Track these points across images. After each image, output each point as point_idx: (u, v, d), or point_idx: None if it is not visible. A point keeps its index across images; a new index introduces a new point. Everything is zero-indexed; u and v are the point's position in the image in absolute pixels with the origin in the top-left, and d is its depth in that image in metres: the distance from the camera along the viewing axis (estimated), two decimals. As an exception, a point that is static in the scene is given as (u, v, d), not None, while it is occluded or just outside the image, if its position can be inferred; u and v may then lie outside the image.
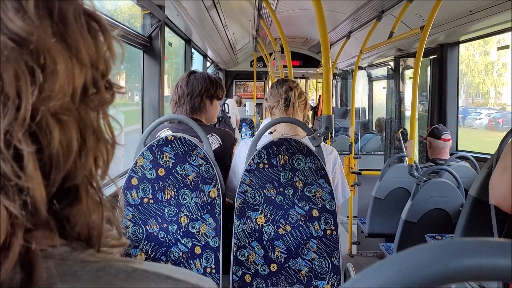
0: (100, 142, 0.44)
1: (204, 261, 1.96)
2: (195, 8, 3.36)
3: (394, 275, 0.33)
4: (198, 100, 2.34)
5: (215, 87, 2.39)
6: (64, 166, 0.39)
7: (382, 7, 4.04)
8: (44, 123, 0.37)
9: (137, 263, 0.44)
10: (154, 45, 3.24)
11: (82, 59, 0.40)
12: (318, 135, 2.04)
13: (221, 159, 2.23)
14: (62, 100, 0.38)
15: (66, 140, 0.39)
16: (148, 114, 3.27)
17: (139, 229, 1.98)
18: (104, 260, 0.42)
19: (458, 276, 0.32)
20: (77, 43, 0.40)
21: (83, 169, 0.41)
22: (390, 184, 3.83)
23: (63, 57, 0.38)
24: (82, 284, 0.39)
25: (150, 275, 0.43)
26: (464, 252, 0.33)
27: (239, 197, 2.00)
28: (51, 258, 0.39)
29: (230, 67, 9.48)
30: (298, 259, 1.98)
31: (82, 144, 0.41)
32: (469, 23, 3.45)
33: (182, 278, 0.45)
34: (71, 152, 0.39)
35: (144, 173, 1.98)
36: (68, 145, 0.39)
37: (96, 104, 0.43)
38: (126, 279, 0.42)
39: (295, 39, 7.95)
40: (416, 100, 3.30)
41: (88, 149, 0.42)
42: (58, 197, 0.40)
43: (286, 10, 5.24)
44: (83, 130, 0.41)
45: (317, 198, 1.98)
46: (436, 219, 3.17)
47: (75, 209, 0.41)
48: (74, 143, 0.39)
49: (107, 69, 0.45)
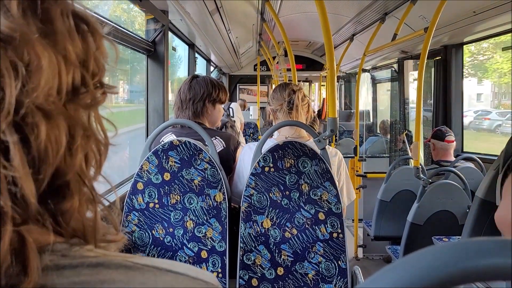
0: (91, 141, 0.45)
1: (210, 265, 1.96)
2: (198, 12, 3.37)
3: (408, 276, 0.33)
4: (200, 104, 2.34)
5: (217, 91, 2.39)
6: (53, 160, 0.39)
7: (385, 9, 4.04)
8: (30, 116, 0.38)
9: (136, 258, 0.44)
10: (158, 50, 3.24)
11: (69, 57, 0.41)
12: (323, 138, 2.04)
13: (225, 161, 2.23)
14: (48, 93, 0.38)
15: (54, 135, 0.39)
16: (152, 119, 3.27)
17: (145, 234, 1.97)
18: (103, 255, 0.43)
19: (472, 277, 0.32)
20: (64, 42, 0.41)
21: (73, 166, 0.42)
22: (396, 187, 3.82)
23: (47, 53, 0.39)
24: (83, 278, 0.40)
25: (150, 269, 0.44)
26: (477, 252, 0.32)
27: (245, 200, 2.00)
28: (52, 253, 0.40)
29: (233, 71, 9.48)
30: (304, 262, 1.97)
31: (71, 141, 0.41)
32: (473, 24, 3.44)
33: (182, 271, 0.46)
34: (60, 147, 0.40)
35: (149, 177, 1.98)
36: (57, 140, 0.39)
37: (86, 103, 0.43)
38: (126, 273, 0.42)
39: (298, 42, 7.96)
40: (420, 102, 3.29)
41: (78, 146, 0.42)
42: (51, 194, 0.41)
43: (289, 14, 5.25)
44: (72, 128, 0.42)
45: (323, 201, 1.98)
46: (442, 221, 3.15)
47: (67, 204, 0.42)
48: (62, 138, 0.40)
49: (98, 69, 0.45)
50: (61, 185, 0.41)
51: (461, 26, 3.56)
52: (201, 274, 0.47)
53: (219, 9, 3.63)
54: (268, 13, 4.19)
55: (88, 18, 0.45)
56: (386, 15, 4.13)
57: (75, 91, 0.42)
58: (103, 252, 0.43)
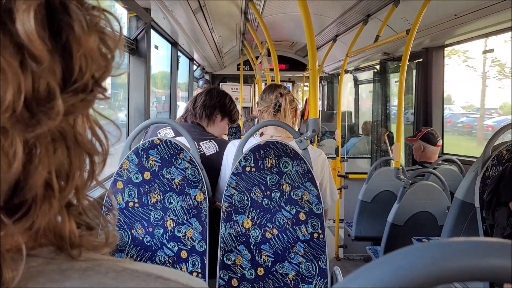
0: (71, 151, 0.41)
1: (190, 266, 1.94)
2: (181, 11, 3.34)
3: (384, 275, 0.32)
4: (211, 109, 2.37)
5: (232, 106, 2.44)
6: (7, 176, 0.36)
7: (368, 11, 4.06)
8: None
9: (127, 263, 0.43)
10: (140, 48, 3.22)
11: (28, 64, 0.36)
12: (304, 138, 2.04)
13: (216, 165, 2.22)
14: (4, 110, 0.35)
15: (7, 148, 0.36)
16: (134, 118, 3.24)
17: (125, 233, 1.95)
18: (92, 259, 0.42)
19: (448, 277, 0.32)
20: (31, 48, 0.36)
21: (35, 181, 0.38)
22: (377, 187, 3.84)
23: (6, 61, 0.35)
24: (72, 283, 0.39)
25: (140, 274, 0.42)
26: (455, 252, 0.32)
27: (226, 200, 1.99)
28: (40, 257, 0.39)
29: (216, 70, 9.45)
30: (285, 262, 1.97)
31: (30, 155, 0.38)
32: (454, 27, 3.48)
33: (172, 277, 0.44)
34: (12, 163, 0.36)
35: (129, 176, 1.96)
36: (9, 155, 0.36)
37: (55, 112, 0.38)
38: (116, 278, 0.41)
39: (281, 42, 7.96)
40: (402, 103, 3.31)
41: (39, 161, 0.38)
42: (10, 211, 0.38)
43: (273, 14, 5.24)
44: (33, 141, 0.38)
45: (304, 201, 1.98)
46: (422, 221, 3.18)
47: (29, 220, 0.38)
48: (18, 153, 0.36)
49: (85, 68, 0.40)
50: (24, 201, 0.38)
51: (443, 29, 3.60)
52: (192, 281, 0.46)
53: (202, 8, 3.61)
54: (252, 13, 4.19)
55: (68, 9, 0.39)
56: (369, 16, 4.15)
57: (39, 101, 0.37)
58: (92, 256, 0.42)
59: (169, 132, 2.30)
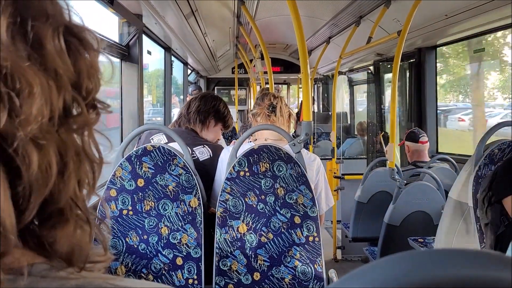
0: (84, 163, 0.43)
1: (186, 272, 1.94)
2: (173, 16, 3.34)
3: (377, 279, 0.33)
4: (205, 114, 2.37)
5: (226, 112, 2.44)
6: (43, 190, 0.38)
7: (360, 13, 4.07)
8: (22, 148, 0.36)
9: (117, 280, 0.43)
10: (132, 54, 3.21)
11: (60, 81, 0.39)
12: (298, 142, 2.04)
13: (210, 170, 2.22)
14: (40, 123, 0.37)
15: (45, 164, 0.38)
16: (127, 124, 3.23)
17: (119, 242, 1.94)
18: (83, 277, 0.42)
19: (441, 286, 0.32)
20: (54, 65, 0.39)
21: (66, 192, 0.41)
22: (373, 188, 3.85)
23: (39, 80, 0.37)
24: None
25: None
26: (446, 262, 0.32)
27: (220, 206, 1.98)
28: (31, 275, 0.39)
29: (211, 74, 9.45)
30: (281, 267, 1.97)
31: (62, 167, 0.40)
32: (445, 27, 3.49)
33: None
34: (51, 176, 0.38)
35: (123, 184, 1.96)
36: (47, 169, 0.38)
37: (78, 125, 0.42)
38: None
39: (275, 45, 7.96)
40: (395, 104, 3.32)
41: (70, 171, 0.41)
42: (41, 220, 0.40)
43: (265, 17, 5.24)
44: (63, 153, 0.40)
45: (298, 204, 1.98)
46: (418, 221, 3.19)
47: (60, 231, 0.41)
48: (53, 166, 0.38)
49: (92, 87, 0.43)
50: (53, 211, 0.40)
51: (434, 29, 3.62)
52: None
53: (195, 13, 3.61)
54: (245, 16, 4.19)
55: (81, 34, 0.43)
56: (361, 18, 4.16)
57: (67, 115, 0.41)
58: (83, 275, 0.42)
59: (162, 138, 2.30)
